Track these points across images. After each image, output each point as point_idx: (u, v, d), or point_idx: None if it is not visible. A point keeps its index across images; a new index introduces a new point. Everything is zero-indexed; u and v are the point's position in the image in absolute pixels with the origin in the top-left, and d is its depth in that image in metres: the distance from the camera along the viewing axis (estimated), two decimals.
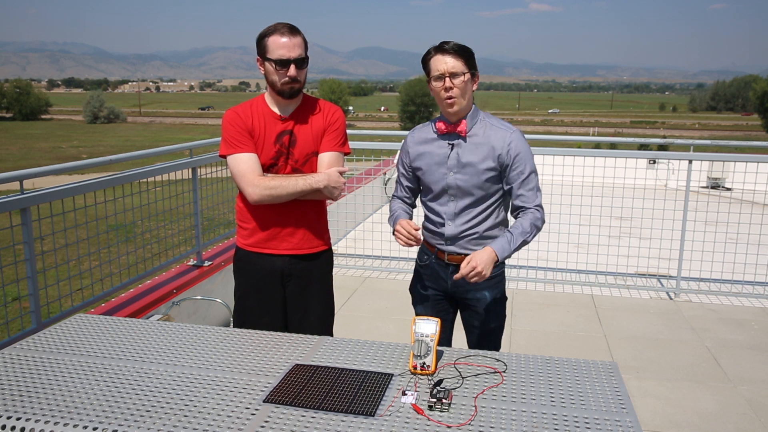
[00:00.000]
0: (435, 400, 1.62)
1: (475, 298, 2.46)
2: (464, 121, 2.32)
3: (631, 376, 3.79)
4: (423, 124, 2.49)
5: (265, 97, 2.45)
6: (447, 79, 2.23)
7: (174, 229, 4.54)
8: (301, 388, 1.71)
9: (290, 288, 2.52)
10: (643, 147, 14.72)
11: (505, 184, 2.37)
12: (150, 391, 1.69)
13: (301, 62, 2.34)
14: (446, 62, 2.23)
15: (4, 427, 1.52)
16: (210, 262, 4.64)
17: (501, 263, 2.48)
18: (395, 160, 6.06)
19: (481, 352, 1.99)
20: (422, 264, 2.54)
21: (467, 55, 2.26)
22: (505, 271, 2.56)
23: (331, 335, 2.59)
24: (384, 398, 1.66)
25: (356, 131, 6.39)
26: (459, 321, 2.60)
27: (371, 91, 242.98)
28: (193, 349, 1.98)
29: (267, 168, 2.39)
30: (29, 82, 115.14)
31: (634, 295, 5.31)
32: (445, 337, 2.55)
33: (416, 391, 1.71)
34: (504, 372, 1.85)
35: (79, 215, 3.40)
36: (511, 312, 2.56)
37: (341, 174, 2.40)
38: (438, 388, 1.68)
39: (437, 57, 2.26)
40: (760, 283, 5.36)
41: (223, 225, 5.10)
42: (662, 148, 12.66)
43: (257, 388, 1.72)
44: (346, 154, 2.52)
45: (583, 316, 4.82)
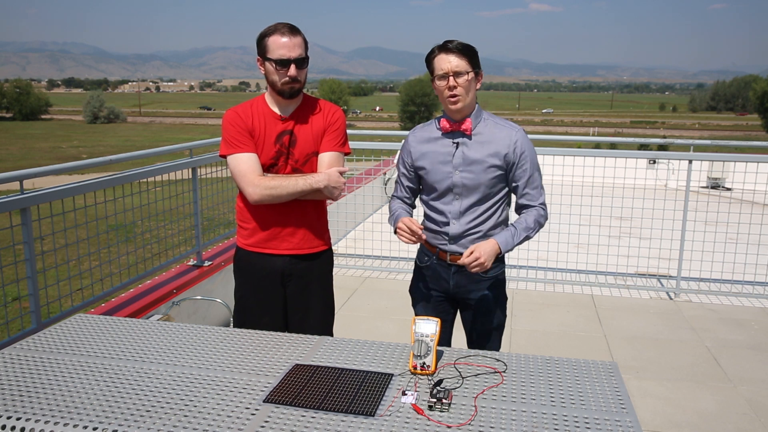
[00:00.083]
0: (435, 400, 1.62)
1: (476, 298, 2.46)
2: (469, 120, 2.32)
3: (631, 376, 3.79)
4: (425, 123, 2.49)
5: (266, 97, 2.45)
6: (451, 78, 2.23)
7: (174, 229, 4.54)
8: (301, 388, 1.71)
9: (290, 288, 2.52)
10: (643, 147, 14.71)
11: (511, 183, 2.38)
12: (150, 391, 1.69)
13: (302, 62, 2.34)
14: (450, 61, 2.23)
15: (4, 427, 1.52)
16: (210, 262, 4.64)
17: (502, 263, 2.49)
18: (395, 160, 6.05)
19: (481, 352, 1.99)
20: (423, 265, 2.54)
21: (471, 54, 2.26)
22: (506, 271, 2.56)
23: (332, 335, 2.59)
24: (384, 398, 1.66)
25: (356, 131, 6.39)
26: (459, 321, 2.59)
27: (371, 91, 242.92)
28: (193, 349, 1.98)
29: (267, 168, 2.39)
30: (29, 82, 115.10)
31: (634, 295, 5.31)
32: (445, 338, 2.55)
33: (416, 391, 1.71)
34: (504, 372, 1.85)
35: (79, 215, 3.40)
36: (511, 312, 2.56)
37: (341, 174, 2.40)
38: (438, 388, 1.68)
39: (441, 56, 2.26)
40: (760, 283, 5.36)
41: (223, 225, 5.10)
42: (662, 148, 12.66)
43: (257, 388, 1.72)
44: (347, 154, 2.52)
45: (583, 316, 4.82)
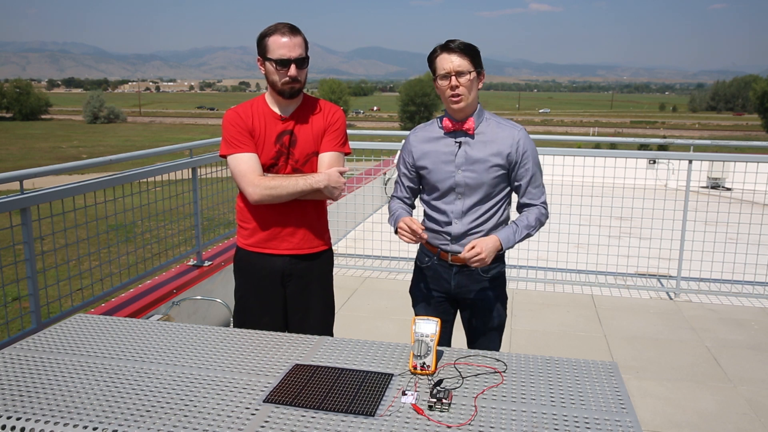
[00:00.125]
0: (435, 400, 1.62)
1: (477, 297, 2.46)
2: (472, 119, 2.32)
3: (631, 376, 3.79)
4: (426, 123, 2.48)
5: (266, 97, 2.45)
6: (453, 78, 2.23)
7: (174, 229, 4.54)
8: (301, 388, 1.71)
9: (291, 288, 2.52)
10: (643, 147, 14.72)
11: (513, 182, 2.39)
12: (150, 391, 1.69)
13: (302, 62, 2.34)
14: (452, 61, 2.24)
15: (4, 427, 1.52)
16: (210, 262, 4.64)
17: (502, 262, 2.49)
18: (395, 160, 6.05)
19: (481, 352, 1.99)
20: (423, 266, 2.53)
21: (473, 54, 2.26)
22: (506, 271, 2.56)
23: (332, 335, 2.59)
24: (384, 398, 1.66)
25: (356, 131, 6.39)
26: (459, 321, 2.59)
27: (371, 91, 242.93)
28: (193, 349, 1.98)
29: (267, 168, 2.39)
30: (29, 82, 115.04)
31: (634, 295, 5.31)
32: (445, 338, 2.55)
33: (416, 391, 1.71)
34: (504, 372, 1.85)
35: (79, 215, 3.40)
36: (511, 312, 2.56)
37: (341, 174, 2.40)
38: (438, 388, 1.68)
39: (443, 56, 2.26)
40: (760, 283, 5.36)
41: (223, 225, 5.10)
42: (662, 148, 12.67)
43: (257, 388, 1.72)
44: (347, 154, 2.52)
45: (583, 316, 4.82)
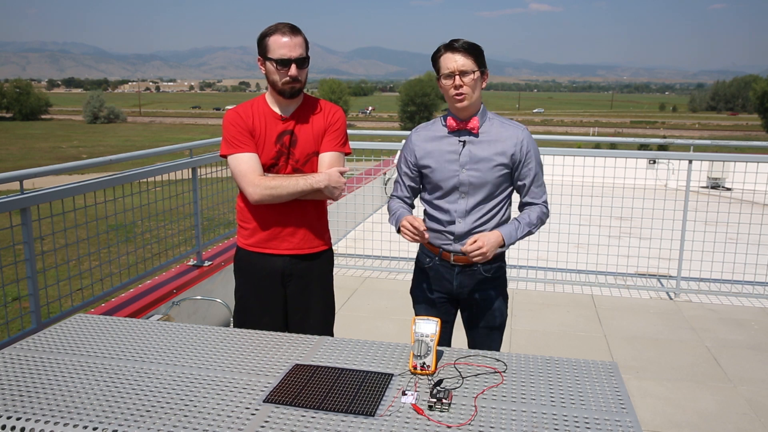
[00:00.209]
0: (435, 400, 1.62)
1: (478, 297, 2.46)
2: (476, 118, 2.33)
3: (631, 376, 3.79)
4: (428, 122, 2.48)
5: (266, 96, 2.45)
6: (457, 77, 2.24)
7: (174, 229, 4.54)
8: (301, 388, 1.71)
9: (291, 288, 2.52)
10: (643, 147, 14.72)
11: (516, 181, 2.40)
12: (150, 391, 1.69)
13: (302, 62, 2.34)
14: (456, 60, 2.24)
15: (4, 427, 1.52)
16: (210, 262, 4.64)
17: (502, 262, 2.49)
18: (395, 160, 6.05)
19: (481, 352, 1.99)
20: (424, 266, 2.53)
21: (477, 53, 2.26)
22: (506, 271, 2.56)
23: (332, 335, 2.59)
24: (384, 398, 1.66)
25: (356, 131, 6.39)
26: (459, 321, 2.59)
27: (371, 91, 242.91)
28: (193, 349, 1.98)
29: (268, 168, 2.39)
30: (29, 82, 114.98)
31: (634, 295, 5.31)
32: (445, 338, 2.54)
33: (416, 391, 1.71)
34: (504, 372, 1.85)
35: (79, 215, 3.40)
36: (511, 312, 2.56)
37: (342, 174, 2.40)
38: (438, 388, 1.68)
39: (447, 55, 2.26)
40: (760, 283, 5.36)
41: (223, 225, 5.10)
42: (662, 148, 12.67)
43: (257, 388, 1.72)
44: (347, 154, 2.52)
45: (583, 316, 4.82)
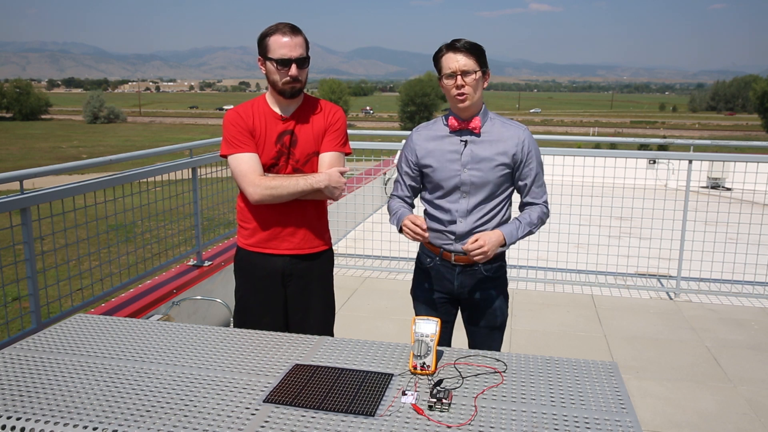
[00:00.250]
0: (435, 400, 1.62)
1: (479, 297, 2.46)
2: (478, 118, 2.33)
3: (631, 376, 3.79)
4: (429, 122, 2.48)
5: (266, 96, 2.45)
6: (459, 77, 2.24)
7: (174, 229, 4.54)
8: (301, 388, 1.71)
9: (291, 288, 2.52)
10: (643, 147, 14.73)
11: (517, 181, 2.40)
12: (150, 391, 1.69)
13: (303, 62, 2.34)
14: (458, 60, 2.24)
15: (4, 427, 1.52)
16: (210, 262, 4.64)
17: (503, 261, 2.49)
18: (395, 160, 6.05)
19: (481, 352, 1.99)
20: (425, 266, 2.53)
21: (478, 54, 2.27)
22: (507, 271, 2.56)
23: (332, 335, 2.59)
24: (384, 398, 1.66)
25: (356, 131, 6.39)
26: (459, 320, 2.59)
27: (371, 91, 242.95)
28: (193, 349, 1.98)
29: (268, 168, 2.39)
30: (29, 82, 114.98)
31: (634, 295, 5.31)
32: (445, 338, 2.54)
33: (416, 391, 1.71)
34: (504, 372, 1.85)
35: (79, 215, 3.40)
36: (511, 312, 2.56)
37: (342, 174, 2.40)
38: (438, 388, 1.68)
39: (449, 55, 2.27)
40: (760, 283, 5.36)
41: (223, 225, 5.10)
42: (662, 148, 12.67)
43: (257, 388, 1.72)
44: (347, 154, 2.52)
45: (583, 316, 4.82)
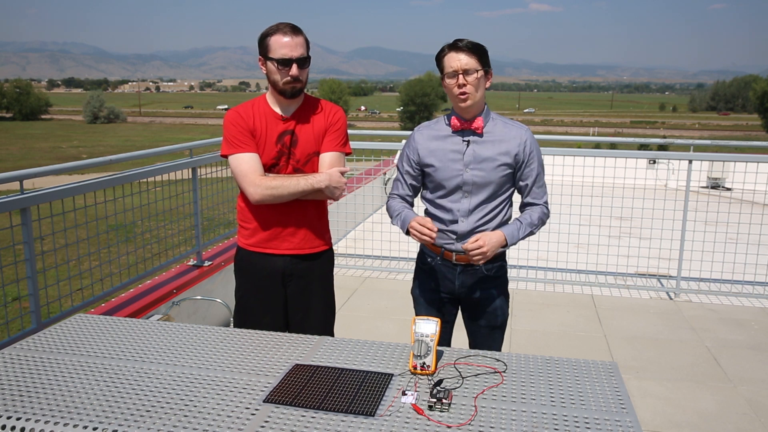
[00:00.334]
0: (435, 400, 1.62)
1: (480, 297, 2.46)
2: (480, 118, 2.33)
3: (631, 376, 3.79)
4: (431, 121, 2.48)
5: (267, 96, 2.45)
6: (460, 76, 2.24)
7: (174, 229, 4.54)
8: (301, 388, 1.71)
9: (291, 288, 2.52)
10: (643, 147, 14.73)
11: (518, 181, 2.40)
12: (150, 391, 1.69)
13: (303, 62, 2.34)
14: (460, 59, 2.25)
15: (4, 427, 1.52)
16: (210, 262, 4.64)
17: (504, 261, 2.49)
18: (395, 160, 6.05)
19: (481, 352, 1.99)
20: (426, 266, 2.53)
21: (480, 53, 2.27)
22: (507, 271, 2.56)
23: (332, 335, 2.59)
24: (384, 398, 1.66)
25: (356, 131, 6.39)
26: (459, 320, 2.59)
27: (371, 91, 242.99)
28: (193, 349, 1.98)
29: (268, 168, 2.39)
30: (29, 82, 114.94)
31: (634, 295, 5.31)
32: (445, 338, 2.54)
33: (416, 391, 1.71)
34: (504, 372, 1.85)
35: (79, 215, 3.40)
36: (511, 312, 2.56)
37: (342, 174, 2.40)
38: (438, 388, 1.68)
39: (451, 54, 2.27)
40: (760, 283, 5.36)
41: (223, 225, 5.10)
42: (662, 148, 12.67)
43: (257, 388, 1.72)
44: (348, 154, 2.52)
45: (583, 316, 4.82)
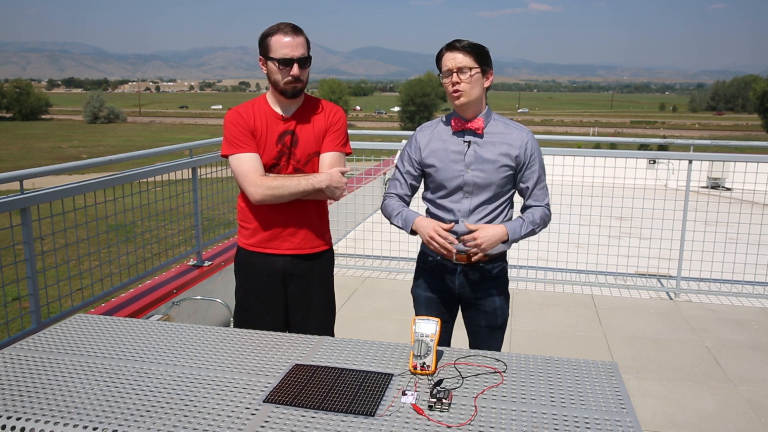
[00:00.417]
0: (435, 400, 1.62)
1: (480, 297, 2.46)
2: (480, 118, 2.34)
3: (631, 376, 3.79)
4: (433, 121, 2.49)
5: (267, 96, 2.45)
6: (454, 75, 2.26)
7: (174, 229, 4.54)
8: (301, 388, 1.71)
9: (291, 288, 2.52)
10: (643, 147, 14.73)
11: (519, 183, 2.40)
12: (150, 391, 1.69)
13: (304, 61, 2.34)
14: (455, 58, 2.26)
15: (4, 427, 1.52)
16: (210, 262, 4.64)
17: (504, 261, 2.49)
18: (395, 160, 6.05)
19: (481, 352, 1.99)
20: (426, 266, 2.53)
21: (477, 53, 2.28)
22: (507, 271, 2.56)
23: (333, 335, 2.59)
24: (384, 398, 1.66)
25: (357, 131, 6.39)
26: (459, 320, 2.59)
27: (371, 91, 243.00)
28: (193, 349, 1.98)
29: (269, 168, 2.39)
30: (29, 82, 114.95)
31: (634, 295, 5.31)
32: (445, 338, 2.54)
33: (416, 391, 1.71)
34: (504, 372, 1.85)
35: (79, 215, 3.40)
36: (511, 312, 2.56)
37: (343, 174, 2.40)
38: (438, 388, 1.68)
39: (447, 54, 2.29)
40: (760, 283, 5.36)
41: (223, 225, 5.10)
42: (662, 148, 12.67)
43: (257, 388, 1.72)
44: (348, 154, 2.52)
45: (583, 316, 4.82)
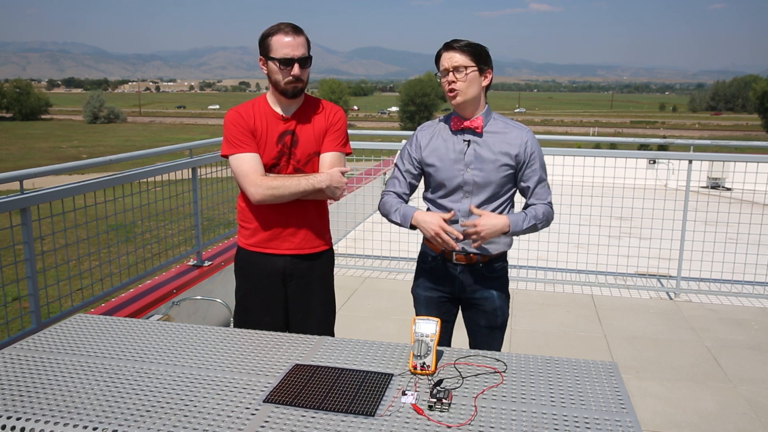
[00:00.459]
0: (435, 400, 1.62)
1: (480, 297, 2.46)
2: (480, 118, 2.34)
3: (631, 376, 3.79)
4: (433, 121, 2.49)
5: (267, 96, 2.45)
6: (451, 74, 2.27)
7: (174, 229, 4.54)
8: (301, 388, 1.71)
9: (292, 288, 2.52)
10: (643, 147, 14.73)
11: (519, 182, 2.40)
12: (150, 391, 1.69)
13: (305, 61, 2.34)
14: (451, 58, 2.27)
15: (4, 427, 1.52)
16: (210, 262, 4.64)
17: (505, 261, 2.49)
18: (395, 159, 6.04)
19: (481, 352, 1.99)
20: (426, 265, 2.53)
21: (475, 52, 2.28)
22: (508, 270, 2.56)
23: (333, 335, 2.60)
24: (384, 398, 1.66)
25: (357, 131, 6.39)
26: (460, 320, 2.59)
27: (371, 91, 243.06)
28: (193, 349, 1.98)
29: (269, 168, 2.39)
30: (29, 82, 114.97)
31: (634, 295, 5.31)
32: (445, 338, 2.54)
33: (416, 391, 1.71)
34: (504, 372, 1.85)
35: (79, 215, 3.40)
36: (511, 312, 2.56)
37: (343, 174, 2.40)
38: (438, 388, 1.68)
39: (444, 54, 2.30)
40: (760, 283, 5.36)
41: (223, 225, 5.10)
42: (662, 148, 12.67)
43: (257, 388, 1.72)
44: (348, 154, 2.52)
45: (583, 316, 4.82)
